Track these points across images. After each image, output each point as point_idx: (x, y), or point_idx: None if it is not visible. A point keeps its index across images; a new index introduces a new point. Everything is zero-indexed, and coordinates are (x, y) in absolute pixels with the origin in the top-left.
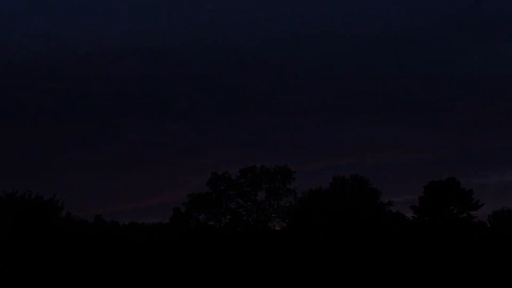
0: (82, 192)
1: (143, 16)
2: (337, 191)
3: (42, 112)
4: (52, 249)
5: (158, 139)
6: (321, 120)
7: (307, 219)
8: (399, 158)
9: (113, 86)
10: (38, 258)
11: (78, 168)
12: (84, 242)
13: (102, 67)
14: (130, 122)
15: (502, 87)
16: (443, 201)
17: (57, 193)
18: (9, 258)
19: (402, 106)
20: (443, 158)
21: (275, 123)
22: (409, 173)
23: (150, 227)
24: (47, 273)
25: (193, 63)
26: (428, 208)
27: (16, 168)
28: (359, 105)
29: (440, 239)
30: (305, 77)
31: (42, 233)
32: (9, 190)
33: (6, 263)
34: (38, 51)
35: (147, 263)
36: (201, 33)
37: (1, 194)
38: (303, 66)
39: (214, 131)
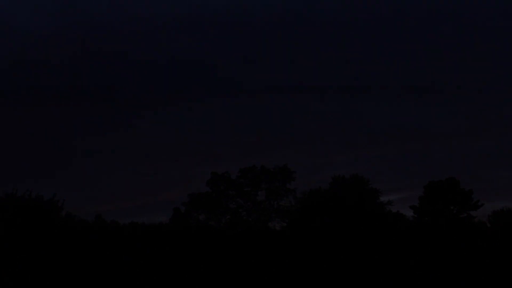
0: (81, 189)
1: None
2: (337, 191)
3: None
4: (53, 249)
5: (156, 136)
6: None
7: (307, 219)
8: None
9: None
10: (39, 258)
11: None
12: (85, 242)
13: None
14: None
15: None
16: (443, 201)
17: (56, 193)
18: (9, 258)
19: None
20: None
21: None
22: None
23: (150, 227)
24: (48, 273)
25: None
26: (428, 208)
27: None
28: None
29: (440, 239)
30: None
31: (43, 233)
32: (9, 190)
33: (6, 263)
34: None
35: (147, 264)
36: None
37: (1, 194)
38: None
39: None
